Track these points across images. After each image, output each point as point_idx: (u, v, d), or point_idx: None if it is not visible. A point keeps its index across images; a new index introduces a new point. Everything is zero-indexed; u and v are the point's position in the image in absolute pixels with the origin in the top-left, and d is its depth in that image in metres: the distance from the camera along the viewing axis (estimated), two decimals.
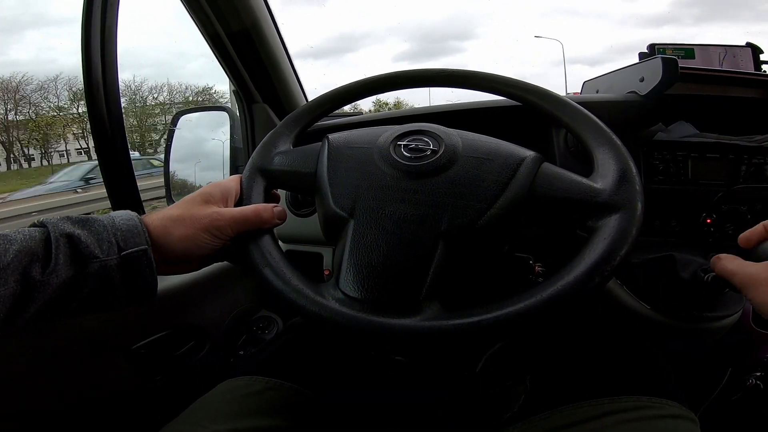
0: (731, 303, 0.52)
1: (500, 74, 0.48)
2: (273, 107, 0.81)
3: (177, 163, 0.83)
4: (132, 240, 0.33)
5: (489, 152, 0.39)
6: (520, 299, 0.31)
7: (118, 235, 0.33)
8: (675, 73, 0.56)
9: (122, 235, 0.33)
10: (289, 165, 0.43)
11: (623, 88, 0.65)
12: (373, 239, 0.36)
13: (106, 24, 0.58)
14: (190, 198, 0.39)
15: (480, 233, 0.36)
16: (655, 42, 0.76)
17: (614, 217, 0.34)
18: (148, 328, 0.62)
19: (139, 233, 0.34)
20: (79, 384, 0.54)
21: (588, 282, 0.31)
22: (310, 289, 0.34)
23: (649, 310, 0.53)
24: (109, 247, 0.32)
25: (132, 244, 0.33)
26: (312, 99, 0.52)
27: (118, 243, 0.33)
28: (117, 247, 0.32)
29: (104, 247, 0.32)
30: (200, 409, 0.40)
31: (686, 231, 0.58)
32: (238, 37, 0.72)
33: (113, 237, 0.33)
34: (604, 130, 0.40)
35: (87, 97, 0.58)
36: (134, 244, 0.33)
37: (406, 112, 0.70)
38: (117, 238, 0.33)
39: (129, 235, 0.33)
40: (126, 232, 0.33)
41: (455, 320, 0.31)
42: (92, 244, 0.32)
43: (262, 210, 0.39)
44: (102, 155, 0.61)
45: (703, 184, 0.58)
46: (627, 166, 0.36)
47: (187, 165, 0.87)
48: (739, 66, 0.77)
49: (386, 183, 0.38)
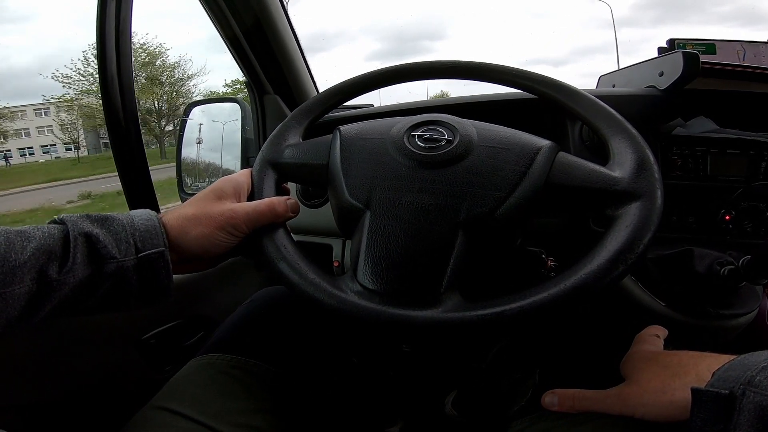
0: (747, 301, 0.51)
1: (514, 66, 0.47)
2: (284, 99, 0.82)
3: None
4: (150, 241, 0.33)
5: (505, 141, 0.39)
6: (544, 288, 0.31)
7: (136, 236, 0.33)
8: (696, 68, 0.55)
9: (140, 235, 0.33)
10: (300, 157, 0.43)
11: (642, 83, 0.64)
12: (391, 230, 0.36)
13: (120, 16, 0.59)
14: (203, 195, 0.39)
15: (499, 222, 0.35)
16: (675, 38, 0.75)
17: (635, 205, 0.33)
18: (157, 318, 0.62)
19: (158, 234, 0.34)
20: (90, 374, 0.55)
21: (612, 270, 0.30)
22: (327, 283, 0.34)
23: (664, 306, 0.52)
24: (126, 247, 0.32)
25: (150, 246, 0.33)
26: (322, 91, 0.51)
27: (136, 244, 0.32)
28: (135, 248, 0.32)
29: (122, 247, 0.32)
30: (169, 393, 0.40)
31: (704, 227, 0.56)
32: (251, 28, 0.72)
33: (131, 237, 0.32)
34: (619, 120, 0.40)
35: (102, 92, 0.58)
36: (152, 246, 0.33)
37: (416, 105, 0.69)
38: (135, 239, 0.33)
39: (147, 236, 0.33)
40: (144, 232, 0.33)
41: (478, 311, 0.31)
42: (110, 244, 0.31)
43: (277, 204, 0.38)
44: (117, 151, 0.61)
45: (722, 180, 0.56)
46: (645, 155, 0.36)
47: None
48: (760, 62, 0.75)
49: (402, 173, 0.38)
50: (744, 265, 0.44)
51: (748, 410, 0.23)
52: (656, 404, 0.30)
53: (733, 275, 0.46)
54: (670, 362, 0.33)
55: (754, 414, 0.23)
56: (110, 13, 0.57)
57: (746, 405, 0.23)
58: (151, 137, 12.64)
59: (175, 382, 0.42)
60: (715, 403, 0.25)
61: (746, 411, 0.23)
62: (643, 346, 0.38)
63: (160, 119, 13.18)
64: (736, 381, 0.24)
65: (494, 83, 0.49)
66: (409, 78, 0.51)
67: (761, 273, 0.43)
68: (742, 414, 0.23)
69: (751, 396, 0.23)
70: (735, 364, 0.26)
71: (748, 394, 0.23)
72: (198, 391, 0.39)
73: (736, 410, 0.24)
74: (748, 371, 0.24)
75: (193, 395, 0.39)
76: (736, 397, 0.24)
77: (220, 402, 0.39)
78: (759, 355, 0.26)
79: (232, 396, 0.40)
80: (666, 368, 0.32)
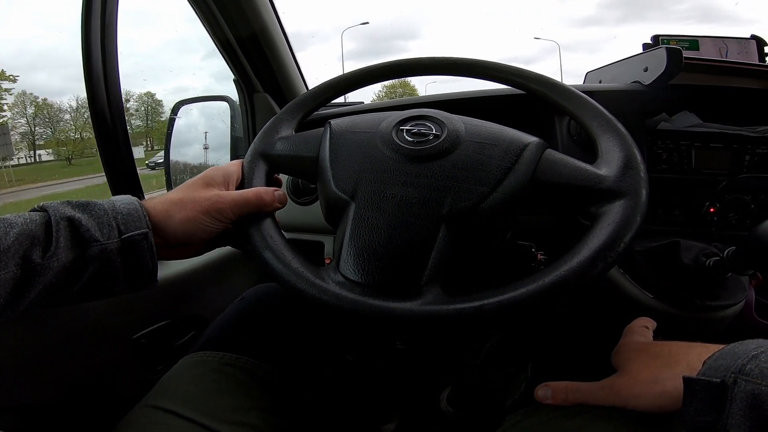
0: (734, 292, 0.52)
1: (504, 63, 0.48)
2: (274, 97, 0.81)
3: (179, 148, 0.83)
4: (132, 224, 0.33)
5: (492, 137, 0.39)
6: (523, 284, 0.31)
7: (118, 219, 0.33)
8: (679, 63, 0.56)
9: (123, 218, 0.33)
10: (291, 150, 0.43)
11: (627, 78, 0.65)
12: (375, 222, 0.36)
13: (106, 12, 0.58)
14: (192, 182, 0.39)
15: (482, 217, 0.36)
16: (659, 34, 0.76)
17: (618, 203, 0.33)
18: (148, 317, 0.62)
19: (140, 217, 0.33)
20: (81, 374, 0.54)
21: (591, 268, 0.31)
22: (310, 272, 0.34)
23: (652, 299, 0.53)
24: (109, 230, 0.32)
25: (132, 228, 0.33)
26: (316, 85, 0.51)
27: (118, 226, 0.32)
28: (117, 231, 0.32)
29: (105, 230, 0.32)
30: (161, 392, 0.40)
31: (689, 220, 0.57)
32: (240, 25, 0.71)
33: (113, 221, 0.32)
34: (608, 118, 0.40)
35: (87, 82, 0.58)
36: (135, 228, 0.33)
37: (407, 101, 0.70)
38: (117, 222, 0.32)
39: (129, 218, 0.33)
40: (126, 215, 0.33)
41: (456, 305, 0.31)
42: (93, 227, 0.31)
43: (264, 192, 0.38)
44: (102, 142, 0.60)
45: (706, 174, 0.57)
46: (631, 153, 0.36)
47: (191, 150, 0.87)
48: (743, 58, 0.76)
49: (388, 167, 0.38)
50: (729, 256, 0.45)
51: (740, 399, 0.23)
52: (648, 395, 0.31)
53: (718, 266, 0.46)
54: (660, 352, 0.33)
55: (746, 402, 0.23)
56: (96, 7, 0.57)
57: (738, 393, 0.23)
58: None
59: (167, 381, 0.41)
60: (707, 392, 0.25)
61: (738, 399, 0.23)
62: (633, 337, 0.38)
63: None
64: (727, 370, 0.25)
65: (487, 80, 0.49)
66: (404, 74, 0.51)
67: (746, 264, 0.44)
68: (735, 403, 0.23)
69: (742, 384, 0.23)
70: (725, 352, 0.26)
71: (739, 382, 0.23)
72: (190, 389, 0.39)
73: (728, 399, 0.24)
74: (739, 359, 0.24)
75: (185, 393, 0.39)
76: (727, 385, 0.24)
77: (213, 399, 0.38)
78: (749, 344, 0.26)
79: (224, 393, 0.39)
80: (656, 358, 0.32)
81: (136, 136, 11.45)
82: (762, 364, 0.24)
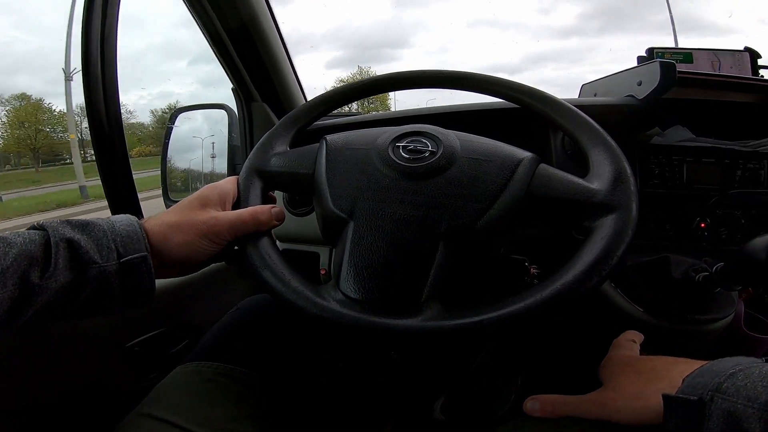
0: (723, 305, 0.53)
1: (499, 76, 0.48)
2: (272, 106, 0.81)
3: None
4: (131, 246, 0.33)
5: (487, 153, 0.40)
6: (521, 299, 0.32)
7: (117, 241, 0.33)
8: (673, 78, 0.57)
9: (122, 240, 0.33)
10: (287, 166, 0.43)
11: (621, 92, 0.65)
12: (373, 241, 0.36)
13: (106, 22, 0.58)
14: (188, 202, 0.39)
15: (480, 233, 0.36)
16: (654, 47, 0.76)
17: (610, 217, 0.34)
18: (143, 325, 0.62)
19: (139, 239, 0.34)
20: (74, 381, 0.54)
21: (586, 281, 0.31)
22: (310, 291, 0.34)
23: (642, 312, 0.53)
24: (108, 252, 0.32)
25: (131, 251, 0.33)
26: (309, 99, 0.52)
27: (117, 249, 0.32)
28: (116, 253, 0.32)
29: (104, 252, 0.32)
30: (155, 401, 0.40)
31: (680, 235, 0.58)
32: (238, 34, 0.72)
33: (113, 243, 0.32)
34: (598, 132, 0.41)
35: (86, 99, 0.58)
36: (134, 251, 0.33)
37: (403, 113, 0.70)
38: (117, 244, 0.33)
39: (129, 241, 0.33)
40: (126, 237, 0.33)
41: (457, 320, 0.32)
42: (92, 249, 0.31)
43: (260, 212, 0.39)
44: (101, 157, 0.60)
45: (698, 189, 0.58)
46: (622, 167, 0.37)
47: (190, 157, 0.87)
48: (736, 71, 0.77)
49: (385, 184, 0.39)
50: (717, 272, 0.45)
51: (717, 416, 0.24)
52: (632, 409, 0.31)
53: (707, 282, 0.47)
54: (644, 368, 0.33)
55: (723, 420, 0.23)
56: (96, 14, 0.57)
57: (715, 411, 0.24)
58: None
59: (161, 390, 0.41)
60: (685, 409, 0.25)
61: (715, 417, 0.24)
62: (620, 351, 0.39)
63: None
64: (704, 387, 0.25)
65: (481, 93, 0.50)
66: (397, 87, 0.52)
67: (734, 280, 0.44)
68: (712, 420, 0.24)
69: (719, 402, 0.24)
70: (704, 370, 0.27)
71: (716, 400, 0.24)
72: (184, 399, 0.40)
73: (706, 416, 0.24)
74: (716, 378, 0.25)
75: (178, 402, 0.39)
76: (705, 403, 0.24)
77: (206, 409, 0.39)
78: (727, 362, 0.27)
79: (218, 403, 0.40)
80: (641, 374, 0.33)
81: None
82: (738, 382, 0.24)
